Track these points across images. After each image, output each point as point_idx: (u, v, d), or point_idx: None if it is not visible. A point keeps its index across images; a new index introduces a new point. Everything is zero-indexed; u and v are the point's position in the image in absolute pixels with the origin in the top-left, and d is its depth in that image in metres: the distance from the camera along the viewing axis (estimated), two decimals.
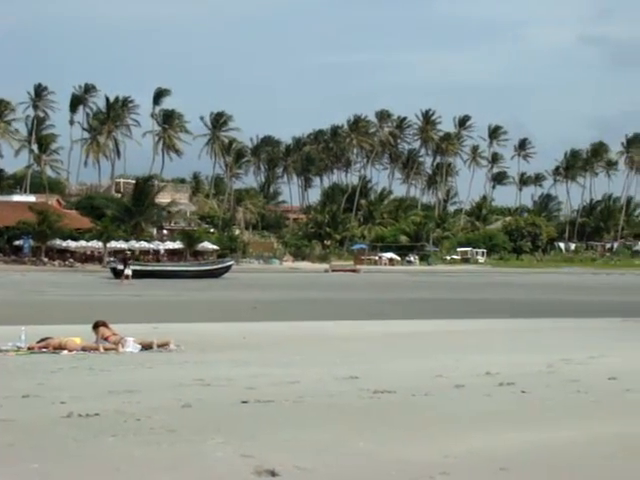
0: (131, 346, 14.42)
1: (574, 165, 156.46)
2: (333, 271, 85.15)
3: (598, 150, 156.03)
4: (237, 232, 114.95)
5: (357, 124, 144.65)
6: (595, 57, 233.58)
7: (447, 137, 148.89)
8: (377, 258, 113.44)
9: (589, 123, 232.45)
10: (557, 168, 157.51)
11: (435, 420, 8.01)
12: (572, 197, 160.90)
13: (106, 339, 14.60)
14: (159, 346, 14.55)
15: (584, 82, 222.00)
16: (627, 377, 10.56)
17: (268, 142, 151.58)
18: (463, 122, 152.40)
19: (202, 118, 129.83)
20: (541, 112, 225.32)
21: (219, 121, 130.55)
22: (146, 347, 14.52)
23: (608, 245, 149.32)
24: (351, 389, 9.77)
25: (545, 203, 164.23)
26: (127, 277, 54.20)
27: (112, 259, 75.31)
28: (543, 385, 10.10)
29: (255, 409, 8.50)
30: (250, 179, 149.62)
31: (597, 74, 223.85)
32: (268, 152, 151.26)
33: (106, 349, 14.28)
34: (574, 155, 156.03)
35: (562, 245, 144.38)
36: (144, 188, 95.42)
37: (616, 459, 6.52)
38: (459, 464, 6.27)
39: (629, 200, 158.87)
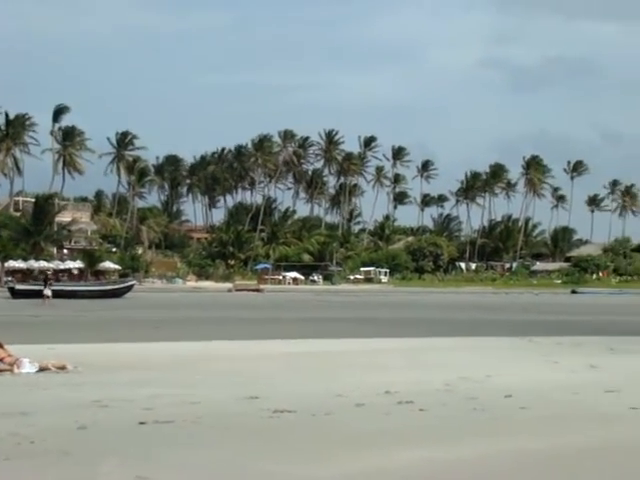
0: (27, 367, 14.13)
1: (474, 186, 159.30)
2: (237, 290, 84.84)
3: (497, 172, 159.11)
4: (140, 251, 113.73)
5: (262, 144, 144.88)
6: (496, 80, 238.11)
7: (349, 157, 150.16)
8: (281, 278, 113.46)
9: (491, 145, 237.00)
10: (458, 189, 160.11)
11: (335, 439, 8.04)
12: (472, 218, 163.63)
13: (0, 360, 14.29)
14: (56, 368, 14.30)
15: (485, 105, 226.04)
16: (522, 395, 10.77)
17: (172, 161, 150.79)
18: (368, 143, 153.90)
19: (108, 138, 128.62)
20: (444, 134, 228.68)
21: (124, 140, 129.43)
22: (43, 368, 14.25)
23: (507, 265, 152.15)
24: (251, 409, 9.75)
25: (446, 223, 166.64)
26: (48, 297, 53.01)
27: (10, 279, 73.72)
28: (441, 403, 10.23)
29: (153, 430, 8.42)
30: (154, 198, 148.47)
31: (498, 97, 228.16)
32: (171, 171, 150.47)
33: (0, 370, 13.97)
34: (474, 176, 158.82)
35: (463, 265, 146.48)
36: (44, 206, 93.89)
37: (511, 475, 6.64)
38: None
39: (527, 221, 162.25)
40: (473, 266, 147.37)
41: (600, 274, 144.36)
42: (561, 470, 6.85)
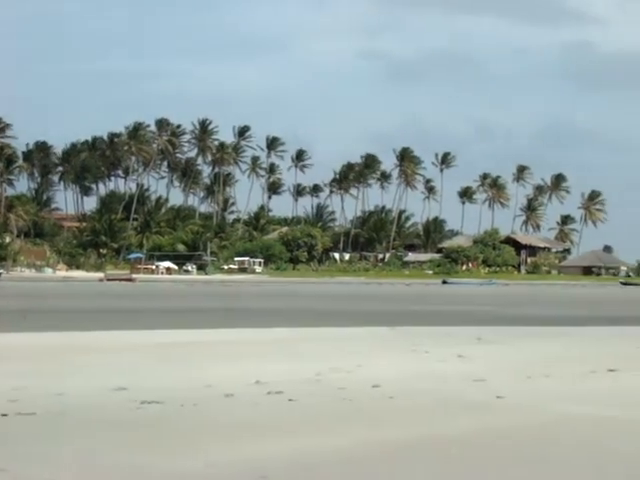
0: None
1: (348, 177, 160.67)
2: (108, 280, 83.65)
3: (370, 163, 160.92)
4: (7, 240, 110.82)
5: (136, 132, 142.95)
6: (373, 72, 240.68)
7: (223, 147, 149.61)
8: (154, 267, 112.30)
9: (367, 137, 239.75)
10: (332, 180, 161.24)
11: (202, 430, 7.97)
12: (347, 208, 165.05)
13: None
14: None
15: (363, 96, 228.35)
16: (391, 385, 10.87)
17: (42, 148, 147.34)
18: (243, 132, 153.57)
19: None
20: (321, 125, 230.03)
21: None
22: None
23: (380, 255, 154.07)
24: (118, 400, 9.57)
25: (320, 214, 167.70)
26: None
27: None
28: (310, 393, 10.25)
29: (15, 422, 8.18)
30: (23, 185, 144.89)
31: (375, 89, 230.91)
32: (40, 158, 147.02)
33: None
34: (349, 167, 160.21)
35: (337, 255, 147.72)
36: None
37: (378, 464, 6.69)
38: (220, 474, 6.27)
39: (400, 212, 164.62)
40: (347, 256, 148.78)
41: (470, 265, 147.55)
42: (429, 458, 6.93)
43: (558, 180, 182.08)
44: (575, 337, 20.39)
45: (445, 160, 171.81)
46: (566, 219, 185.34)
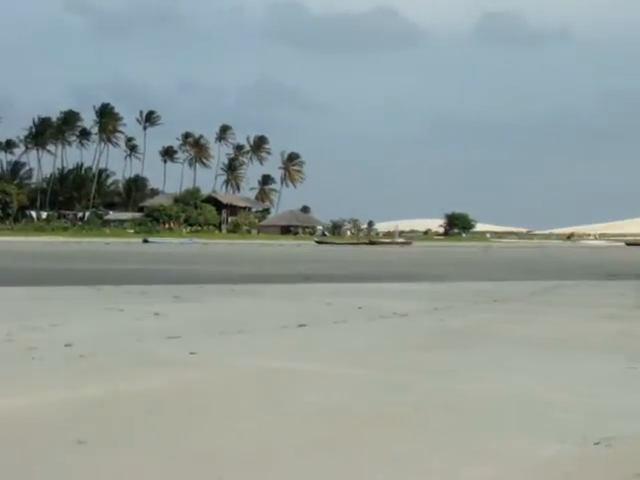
0: None
1: (45, 133, 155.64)
2: None
3: (69, 119, 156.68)
4: None
5: None
6: (79, 26, 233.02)
7: None
8: None
9: (72, 92, 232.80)
10: (27, 135, 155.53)
11: None
12: (44, 165, 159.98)
13: None
14: None
15: (67, 51, 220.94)
16: (83, 343, 10.75)
17: None
18: None
19: None
20: (21, 76, 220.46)
21: None
22: None
23: (80, 214, 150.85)
24: None
25: (16, 170, 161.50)
26: None
27: None
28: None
29: None
30: None
31: (81, 43, 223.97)
32: None
33: None
34: (45, 122, 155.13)
35: (34, 213, 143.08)
36: None
37: (77, 424, 6.61)
38: None
39: (101, 171, 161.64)
40: (44, 215, 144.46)
41: (172, 224, 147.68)
42: (126, 416, 6.93)
43: (260, 141, 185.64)
44: (269, 294, 20.99)
45: (149, 118, 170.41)
46: (267, 179, 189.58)
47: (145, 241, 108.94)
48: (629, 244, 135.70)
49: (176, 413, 7.07)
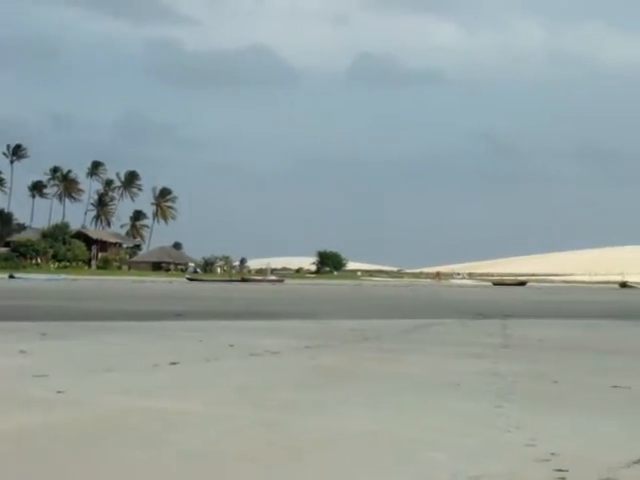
0: None
1: None
2: None
3: None
4: None
5: None
6: None
7: None
8: None
9: None
10: None
11: None
12: None
13: None
14: None
15: None
16: None
17: None
18: None
19: None
20: None
21: None
22: None
23: None
24: None
25: None
26: None
27: None
28: None
29: None
30: None
31: None
32: None
33: None
34: None
35: None
36: None
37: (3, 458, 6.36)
38: None
39: None
40: None
41: (39, 259, 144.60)
42: None
43: (132, 176, 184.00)
44: (140, 332, 20.68)
45: (17, 152, 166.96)
46: (138, 215, 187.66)
47: (11, 277, 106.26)
48: (496, 284, 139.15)
49: (41, 454, 6.87)
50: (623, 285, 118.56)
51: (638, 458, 7.36)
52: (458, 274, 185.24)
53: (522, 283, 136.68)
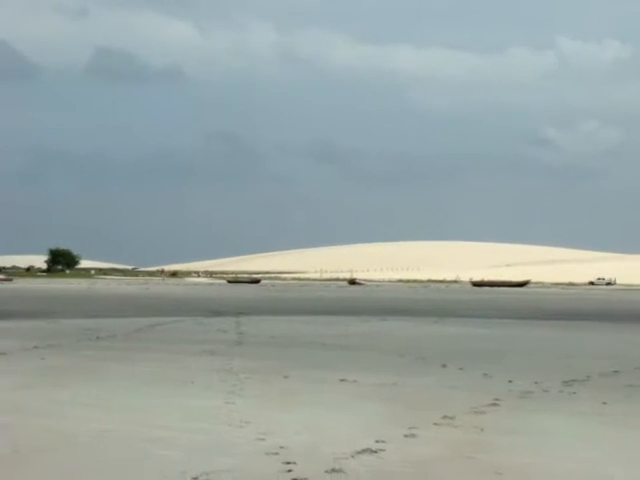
0: None
1: None
2: None
3: None
4: None
5: None
6: None
7: None
8: None
9: None
10: None
11: None
12: None
13: None
14: None
15: None
16: None
17: None
18: None
19: None
20: None
21: None
22: None
23: None
24: None
25: None
26: None
27: None
28: None
29: None
30: None
31: None
32: None
33: None
34: None
35: None
36: None
37: None
38: None
39: None
40: None
41: None
42: None
43: None
44: None
45: None
46: None
47: None
48: (230, 281, 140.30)
49: None
50: (352, 282, 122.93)
51: (362, 449, 7.67)
52: (197, 272, 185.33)
53: (256, 281, 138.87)
